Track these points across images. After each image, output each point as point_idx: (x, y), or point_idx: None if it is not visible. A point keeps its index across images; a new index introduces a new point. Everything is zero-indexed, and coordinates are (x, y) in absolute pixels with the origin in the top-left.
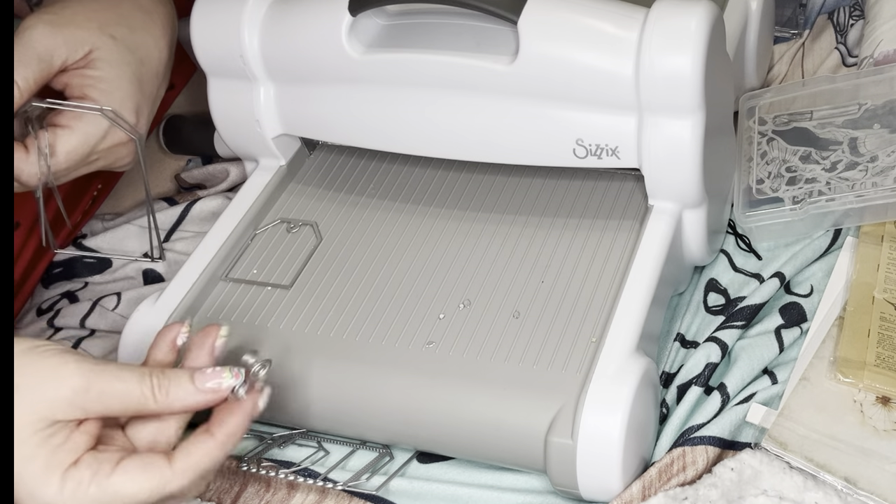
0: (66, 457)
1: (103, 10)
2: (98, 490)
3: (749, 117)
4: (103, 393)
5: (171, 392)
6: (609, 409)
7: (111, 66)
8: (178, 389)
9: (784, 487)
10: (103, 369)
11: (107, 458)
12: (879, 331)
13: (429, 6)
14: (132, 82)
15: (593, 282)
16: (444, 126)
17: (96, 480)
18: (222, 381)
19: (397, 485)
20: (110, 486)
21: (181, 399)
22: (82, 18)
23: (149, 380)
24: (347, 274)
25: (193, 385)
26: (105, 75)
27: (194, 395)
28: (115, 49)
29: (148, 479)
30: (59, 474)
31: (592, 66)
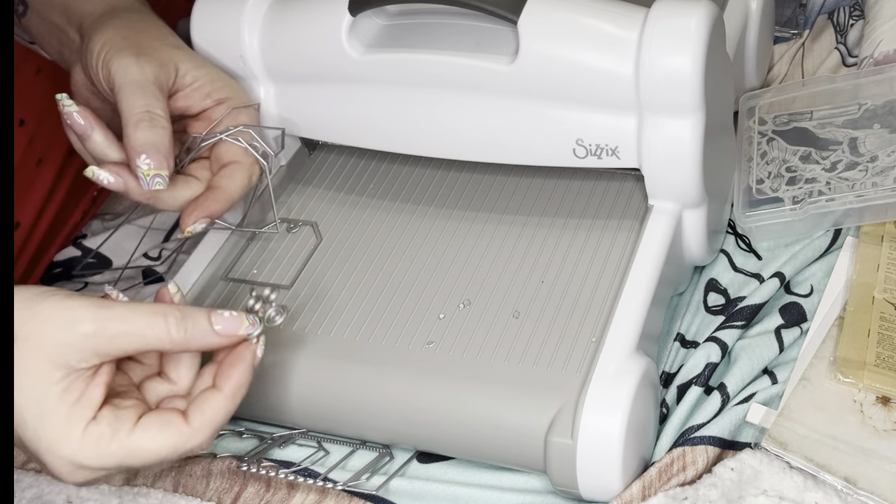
0: (84, 412)
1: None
2: (119, 447)
3: (749, 117)
4: (117, 334)
5: (188, 329)
6: (609, 409)
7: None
8: (195, 328)
9: (784, 487)
10: (114, 309)
11: (126, 415)
12: (879, 331)
13: (429, 6)
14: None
15: (593, 282)
16: (444, 126)
17: (118, 438)
18: (239, 328)
19: (397, 485)
20: (132, 444)
21: (197, 338)
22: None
23: (162, 318)
24: (347, 274)
25: (210, 326)
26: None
27: (210, 336)
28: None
29: (168, 436)
30: (80, 430)
31: (592, 66)
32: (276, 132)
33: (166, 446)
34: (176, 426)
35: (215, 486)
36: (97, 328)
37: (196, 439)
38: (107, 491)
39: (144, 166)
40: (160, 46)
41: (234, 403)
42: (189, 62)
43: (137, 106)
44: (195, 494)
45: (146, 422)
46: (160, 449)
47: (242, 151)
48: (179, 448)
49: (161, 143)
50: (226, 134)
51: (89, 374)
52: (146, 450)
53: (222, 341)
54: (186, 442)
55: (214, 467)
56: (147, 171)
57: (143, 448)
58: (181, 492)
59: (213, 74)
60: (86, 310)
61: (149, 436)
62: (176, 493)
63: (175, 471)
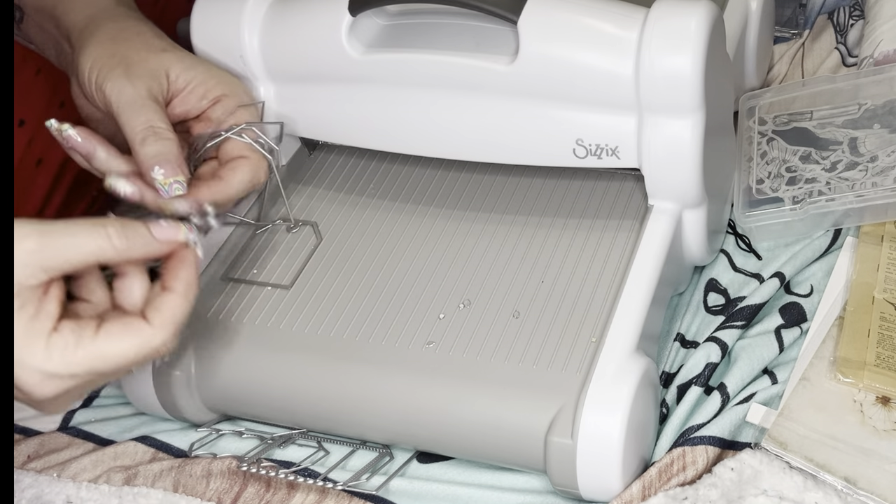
0: (44, 324)
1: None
2: (85, 353)
3: (749, 117)
4: (60, 248)
5: (129, 237)
6: (609, 409)
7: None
8: (136, 236)
9: (784, 487)
10: (55, 225)
11: (86, 323)
12: (879, 331)
13: (429, 6)
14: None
15: (593, 282)
16: (444, 126)
17: (82, 344)
18: (178, 234)
19: (397, 485)
20: (97, 349)
21: (139, 246)
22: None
23: (103, 229)
24: (347, 274)
25: (150, 233)
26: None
27: (151, 243)
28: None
29: (131, 337)
30: (43, 341)
31: (592, 66)
32: (275, 127)
33: (132, 347)
34: (137, 326)
35: (215, 486)
36: (40, 243)
37: (159, 337)
38: (107, 491)
39: (160, 177)
40: (147, 56)
41: (188, 302)
42: (178, 65)
43: (139, 124)
44: (195, 494)
45: (108, 326)
46: (126, 351)
47: (248, 148)
48: (144, 348)
49: (170, 152)
50: (230, 132)
51: (41, 291)
52: (112, 353)
53: (163, 248)
54: (150, 341)
55: (214, 467)
56: (164, 181)
57: (108, 352)
58: (181, 492)
59: (205, 74)
60: (29, 227)
61: (113, 338)
62: (176, 493)
63: (175, 471)
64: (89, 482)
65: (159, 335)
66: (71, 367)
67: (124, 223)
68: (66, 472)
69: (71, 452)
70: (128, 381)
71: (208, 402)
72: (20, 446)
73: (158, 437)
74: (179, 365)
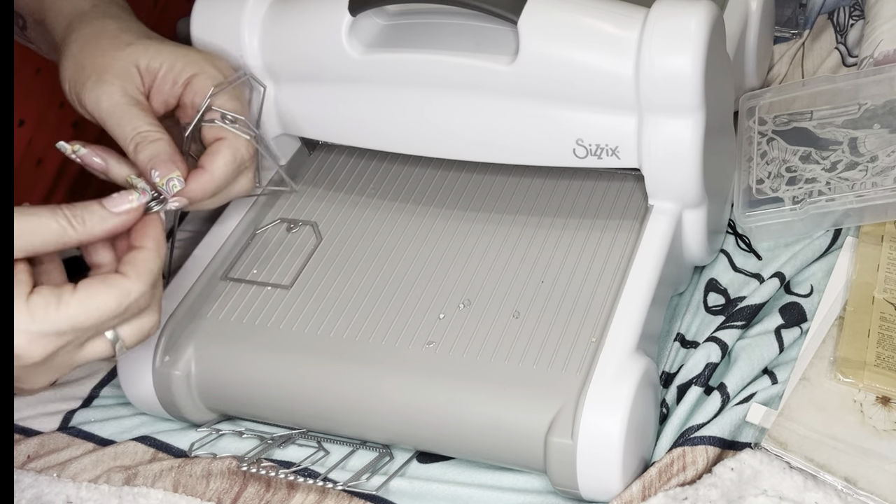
0: (19, 289)
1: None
2: (67, 308)
3: (749, 117)
4: (22, 232)
5: (86, 219)
6: (609, 409)
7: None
8: (91, 216)
9: (784, 487)
10: (17, 212)
11: (64, 286)
12: (879, 331)
13: (429, 6)
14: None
15: (593, 282)
16: (444, 126)
17: (63, 300)
18: (131, 199)
19: (397, 485)
20: (79, 303)
21: (97, 224)
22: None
23: (61, 212)
24: (347, 274)
25: (105, 209)
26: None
27: (110, 219)
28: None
29: (110, 289)
30: (23, 303)
31: (592, 66)
32: (260, 92)
33: (112, 299)
34: (114, 279)
35: (215, 486)
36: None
37: (137, 288)
38: (107, 491)
39: (157, 179)
40: (115, 55)
41: (158, 255)
42: (144, 56)
43: (127, 133)
44: (195, 494)
45: (85, 283)
46: (108, 303)
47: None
48: (124, 300)
49: (162, 152)
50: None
51: None
52: (94, 306)
53: (122, 219)
54: (129, 292)
55: (214, 467)
56: (160, 182)
57: (90, 305)
58: (181, 492)
59: (171, 57)
60: None
61: (92, 292)
62: (176, 492)
63: (175, 471)
64: (89, 482)
65: (137, 286)
66: (56, 325)
67: (77, 205)
68: (66, 472)
69: (71, 452)
70: (128, 381)
71: (208, 402)
72: (20, 446)
73: (158, 437)
74: (179, 365)
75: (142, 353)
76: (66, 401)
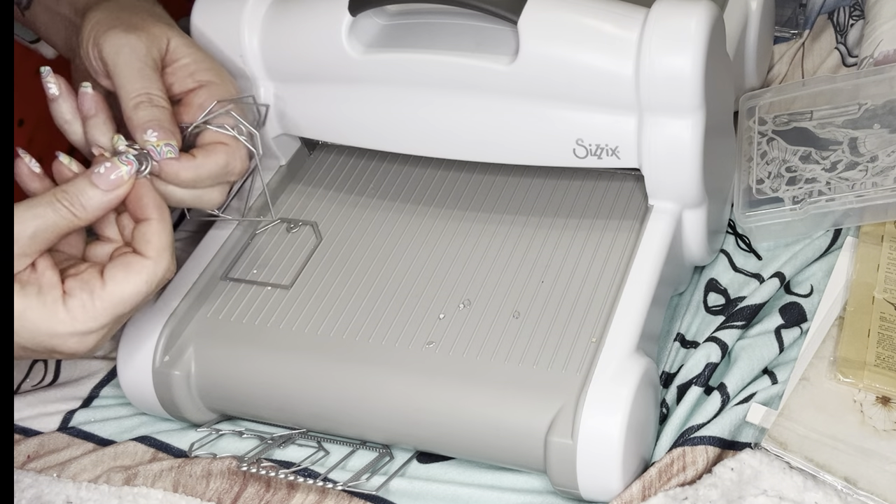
0: (52, 294)
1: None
2: (102, 303)
3: (749, 117)
4: (32, 234)
5: (85, 205)
6: (609, 409)
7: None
8: (89, 201)
9: (784, 487)
10: (18, 212)
11: (88, 276)
12: (879, 331)
13: (429, 6)
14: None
15: (593, 282)
16: (444, 126)
17: (97, 296)
18: (121, 173)
19: (397, 485)
20: (112, 295)
21: (97, 206)
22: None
23: (59, 205)
24: (347, 274)
25: (97, 189)
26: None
27: (106, 196)
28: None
29: (137, 274)
30: (61, 308)
31: (592, 66)
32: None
33: (142, 283)
34: (136, 263)
35: (215, 486)
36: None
37: (161, 265)
38: (107, 491)
39: (153, 139)
40: (153, 23)
41: (167, 223)
42: (180, 38)
43: (135, 90)
44: (195, 494)
45: (110, 272)
46: (139, 288)
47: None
48: (153, 280)
49: (164, 118)
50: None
51: (30, 270)
52: (127, 294)
53: (117, 193)
54: (155, 272)
55: (214, 467)
56: (157, 143)
57: (122, 294)
58: (181, 492)
59: (200, 55)
60: None
61: (120, 281)
62: (176, 492)
63: (175, 471)
64: (89, 482)
65: (161, 264)
66: (98, 320)
67: (69, 191)
68: (66, 472)
69: (71, 452)
70: (128, 381)
71: (208, 402)
72: (20, 446)
73: (158, 437)
74: (179, 365)
75: (142, 353)
76: (66, 401)
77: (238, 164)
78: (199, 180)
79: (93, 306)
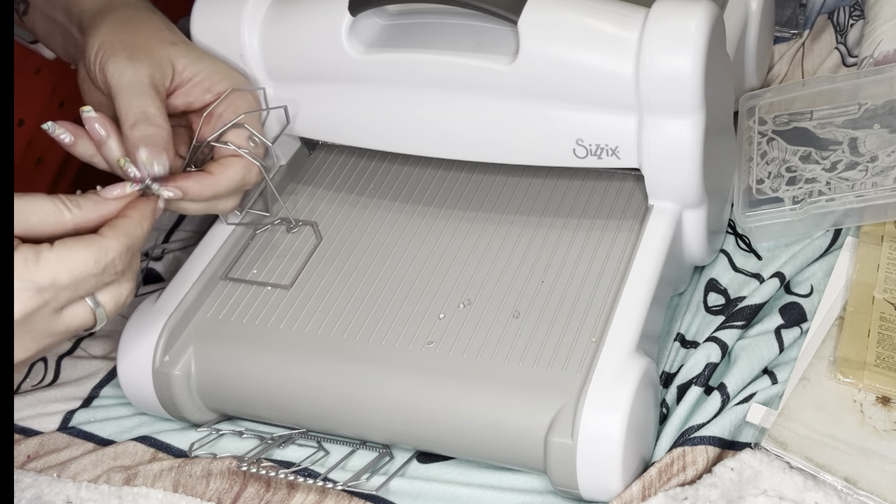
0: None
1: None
2: (47, 264)
3: (749, 117)
4: (20, 210)
5: (81, 204)
6: (609, 409)
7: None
8: (87, 201)
9: (784, 487)
10: (20, 198)
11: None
12: (879, 331)
13: (429, 6)
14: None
15: (593, 282)
16: (444, 126)
17: (42, 255)
18: (125, 188)
19: (397, 485)
20: (58, 259)
21: (93, 209)
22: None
23: (58, 197)
24: (347, 274)
25: (100, 196)
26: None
27: (104, 204)
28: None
29: (88, 247)
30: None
31: (592, 66)
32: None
33: (90, 255)
34: (91, 238)
35: (215, 486)
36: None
37: (114, 247)
38: (107, 491)
39: (143, 156)
40: (156, 45)
41: (140, 225)
42: (186, 57)
43: (133, 108)
44: (195, 494)
45: (63, 241)
46: (86, 259)
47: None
48: (102, 258)
49: (158, 137)
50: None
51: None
52: (72, 262)
53: (116, 204)
54: (107, 251)
55: (214, 467)
56: (146, 160)
57: (69, 261)
58: (181, 492)
59: (211, 68)
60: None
61: (70, 247)
62: (176, 493)
63: (175, 471)
64: (89, 482)
65: (114, 245)
66: (36, 279)
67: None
68: (66, 472)
69: (71, 452)
70: (128, 381)
71: (208, 402)
72: (20, 446)
73: (158, 437)
74: (179, 365)
75: (142, 353)
76: (66, 401)
77: (253, 176)
78: (217, 196)
79: (35, 264)
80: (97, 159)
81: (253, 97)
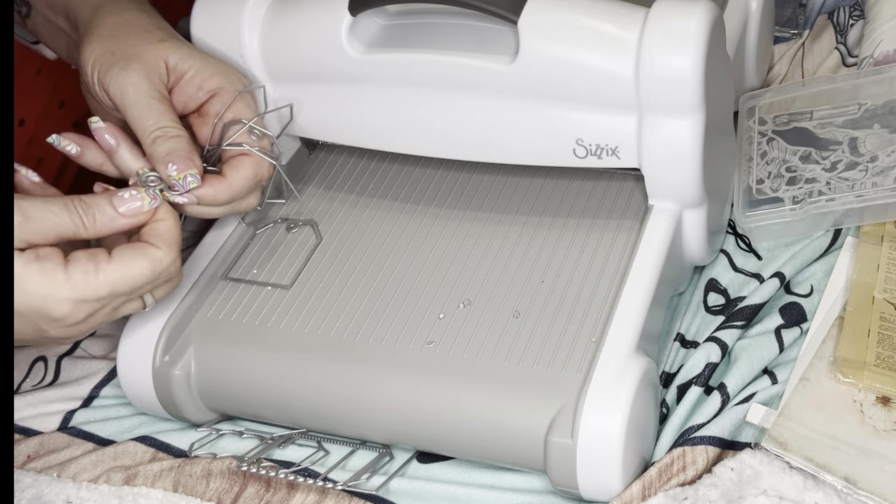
0: (53, 260)
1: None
2: (105, 274)
3: (749, 117)
4: (40, 225)
5: (97, 219)
6: (609, 409)
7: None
8: (101, 216)
9: (784, 487)
10: (34, 202)
11: (97, 251)
12: (879, 331)
13: (429, 6)
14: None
15: (593, 282)
16: (444, 126)
17: (101, 268)
18: (143, 206)
19: (397, 485)
20: (116, 270)
21: (107, 224)
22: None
23: (74, 209)
24: (347, 274)
25: (115, 210)
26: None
27: (119, 220)
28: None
29: (144, 258)
30: (61, 272)
31: (592, 66)
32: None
33: (146, 267)
34: (147, 249)
35: (215, 486)
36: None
37: (168, 257)
38: (107, 491)
39: (174, 173)
40: (145, 47)
41: (178, 224)
42: (176, 54)
43: (148, 126)
44: (195, 494)
45: (120, 250)
46: (142, 271)
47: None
48: (157, 267)
49: (181, 148)
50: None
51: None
52: (130, 273)
53: (131, 221)
54: (161, 261)
55: (214, 467)
56: (178, 176)
57: (126, 272)
58: (181, 492)
59: (201, 63)
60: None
61: (128, 261)
62: (176, 492)
63: (175, 471)
64: (89, 482)
65: (168, 255)
66: (96, 291)
67: (87, 202)
68: (66, 472)
69: (71, 452)
70: (128, 381)
71: (208, 402)
72: (20, 446)
73: (158, 437)
74: (179, 365)
75: (142, 353)
76: (66, 401)
77: (265, 170)
78: (234, 197)
79: (95, 276)
80: (107, 167)
81: (251, 96)
